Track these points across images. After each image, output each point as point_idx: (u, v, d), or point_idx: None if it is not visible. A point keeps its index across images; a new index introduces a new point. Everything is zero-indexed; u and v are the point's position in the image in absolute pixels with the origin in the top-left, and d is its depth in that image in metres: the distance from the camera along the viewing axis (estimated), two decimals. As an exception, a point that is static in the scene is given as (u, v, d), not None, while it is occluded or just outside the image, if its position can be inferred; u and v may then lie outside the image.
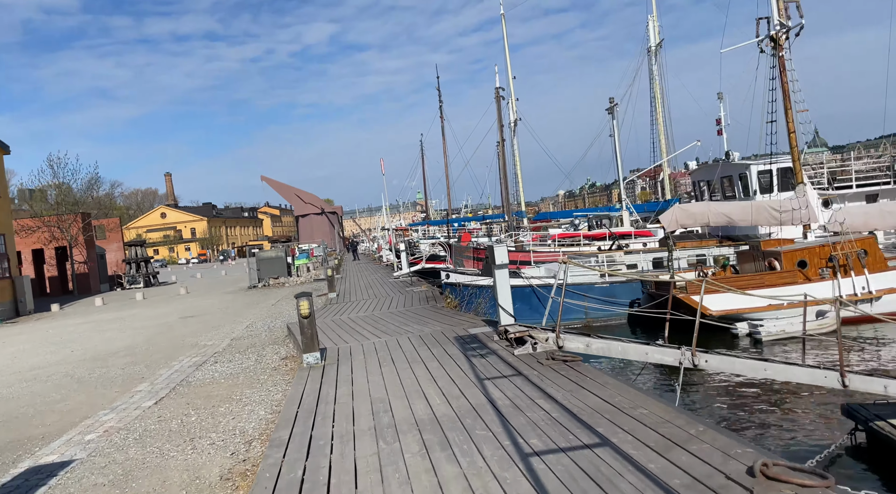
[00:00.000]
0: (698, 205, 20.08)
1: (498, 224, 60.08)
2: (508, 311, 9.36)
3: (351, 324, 13.06)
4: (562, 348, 8.38)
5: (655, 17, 45.32)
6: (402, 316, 13.46)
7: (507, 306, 9.36)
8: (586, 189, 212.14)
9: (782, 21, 18.11)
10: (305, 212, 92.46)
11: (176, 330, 17.71)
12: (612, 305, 21.41)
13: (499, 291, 9.40)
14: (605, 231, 33.26)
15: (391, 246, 38.31)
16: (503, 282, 9.37)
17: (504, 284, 9.38)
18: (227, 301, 26.49)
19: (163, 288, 42.79)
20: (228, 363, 11.32)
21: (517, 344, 8.58)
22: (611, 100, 36.11)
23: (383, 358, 8.96)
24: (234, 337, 14.62)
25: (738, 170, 22.70)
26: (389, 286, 22.99)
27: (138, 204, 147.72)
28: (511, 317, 9.39)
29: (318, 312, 16.49)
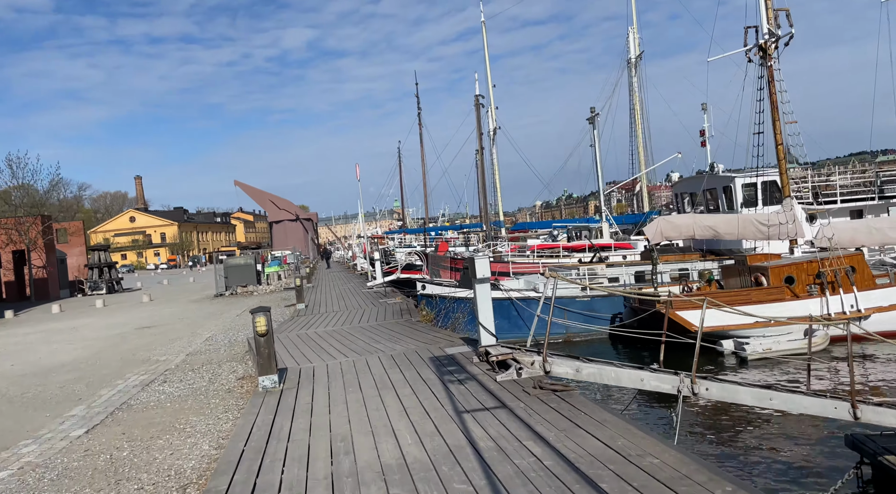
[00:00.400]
0: (683, 218, 19.48)
1: (475, 233, 59.39)
2: (490, 330, 8.46)
3: (318, 340, 12.03)
4: (549, 373, 7.50)
5: (636, 28, 45.28)
6: (374, 331, 12.47)
7: (489, 324, 8.45)
8: (563, 200, 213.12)
9: (771, 30, 17.66)
10: (279, 219, 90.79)
11: (130, 342, 16.46)
12: (594, 320, 20.69)
13: (479, 307, 8.50)
14: (585, 242, 32.67)
15: (366, 254, 37.23)
16: (484, 298, 8.48)
17: (485, 300, 8.49)
18: (191, 310, 25.18)
19: (126, 295, 41.08)
20: (179, 383, 10.22)
21: (499, 369, 7.68)
22: (592, 109, 35.62)
23: (349, 383, 7.98)
24: (190, 352, 13.48)
25: (723, 182, 22.22)
26: (362, 297, 21.96)
27: (107, 207, 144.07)
28: (492, 337, 8.49)
29: (284, 325, 15.41)
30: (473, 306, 8.60)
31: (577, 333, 20.16)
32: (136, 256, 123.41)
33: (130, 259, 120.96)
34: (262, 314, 7.92)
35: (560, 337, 20.12)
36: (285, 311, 20.17)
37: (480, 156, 50.01)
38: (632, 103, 46.23)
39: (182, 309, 26.24)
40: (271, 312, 18.58)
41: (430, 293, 21.00)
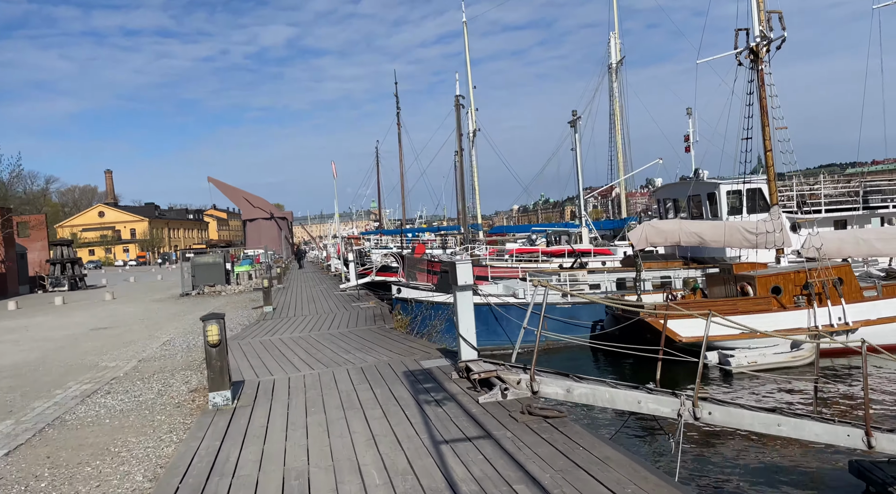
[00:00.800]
0: (669, 223, 18.90)
1: (453, 236, 58.58)
2: (471, 343, 7.63)
3: (282, 348, 11.07)
4: (537, 393, 6.69)
5: (617, 34, 44.99)
6: (344, 339, 11.56)
7: (470, 336, 7.62)
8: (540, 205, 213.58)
9: (763, 32, 17.17)
10: (254, 217, 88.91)
11: (81, 345, 15.28)
12: (574, 328, 20.01)
13: (460, 317, 7.67)
14: (565, 247, 32.09)
15: (340, 255, 36.18)
16: (465, 307, 7.64)
17: (467, 309, 7.66)
18: (153, 310, 23.93)
19: (89, 293, 39.41)
20: (124, 394, 9.20)
21: (482, 387, 6.85)
22: (574, 112, 35.05)
23: (313, 401, 7.08)
24: (143, 358, 12.41)
25: (707, 189, 21.73)
26: (335, 300, 20.98)
27: (75, 201, 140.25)
28: (473, 351, 7.66)
29: (249, 329, 14.39)
30: (453, 315, 7.76)
31: (556, 342, 19.48)
32: (105, 252, 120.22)
33: (98, 255, 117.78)
34: (215, 321, 6.98)
35: (539, 345, 19.45)
36: (252, 314, 19.12)
37: (460, 157, 49.21)
38: (612, 109, 45.96)
39: (144, 308, 24.96)
40: (236, 315, 17.44)
41: (405, 297, 20.13)
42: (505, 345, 20.06)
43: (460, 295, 7.64)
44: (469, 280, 7.49)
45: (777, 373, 15.24)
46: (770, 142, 18.13)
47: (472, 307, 7.73)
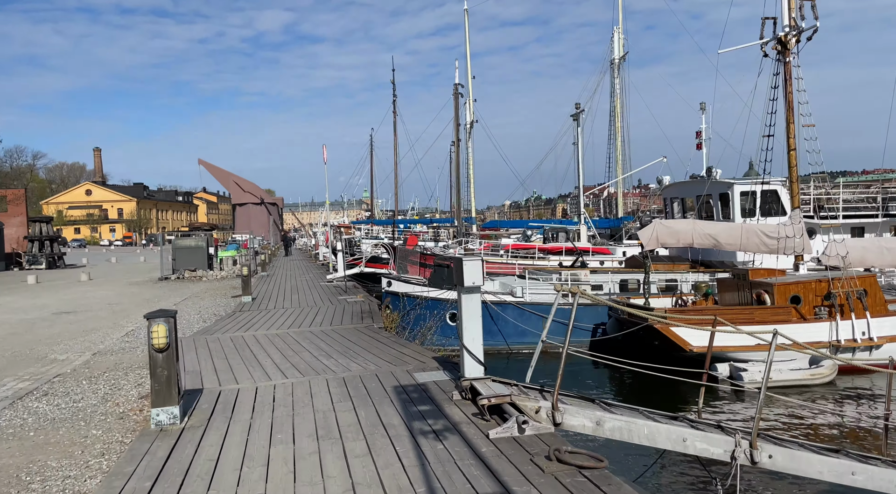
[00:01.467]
0: (682, 223, 17.64)
1: (445, 228, 57.25)
2: (477, 357, 6.31)
3: (255, 347, 9.71)
4: (559, 425, 5.38)
5: (621, 28, 43.65)
6: (327, 339, 10.20)
7: (476, 349, 6.30)
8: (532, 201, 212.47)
9: (795, 20, 15.89)
10: (243, 201, 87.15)
11: (36, 331, 13.84)
12: (574, 330, 18.77)
13: (465, 326, 6.34)
14: (562, 244, 30.86)
15: (328, 243, 34.74)
16: (472, 314, 6.32)
17: (473, 316, 6.34)
18: (127, 294, 22.45)
19: (66, 272, 37.74)
20: (63, 397, 7.82)
21: (491, 415, 5.53)
22: (577, 106, 33.74)
23: (280, 423, 5.74)
24: (99, 350, 11.00)
25: (720, 188, 20.50)
26: (320, 291, 19.60)
27: (63, 178, 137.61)
28: (480, 366, 6.34)
29: (221, 322, 12.99)
30: (458, 324, 6.43)
31: (555, 344, 18.26)
32: (91, 231, 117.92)
33: (84, 233, 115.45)
34: (163, 320, 5.60)
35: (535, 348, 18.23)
36: (230, 303, 17.71)
37: (456, 147, 47.78)
38: (612, 106, 44.68)
39: (118, 291, 23.46)
40: (212, 303, 15.99)
41: (396, 291, 18.82)
42: (500, 346, 18.82)
43: (466, 299, 6.31)
44: (478, 280, 6.16)
45: (794, 392, 14.06)
46: (795, 140, 16.89)
47: (480, 313, 6.40)
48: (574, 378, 16.06)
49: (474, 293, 6.31)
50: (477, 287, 6.26)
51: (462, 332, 6.36)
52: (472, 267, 6.16)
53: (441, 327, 16.84)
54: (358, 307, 14.73)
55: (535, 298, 18.89)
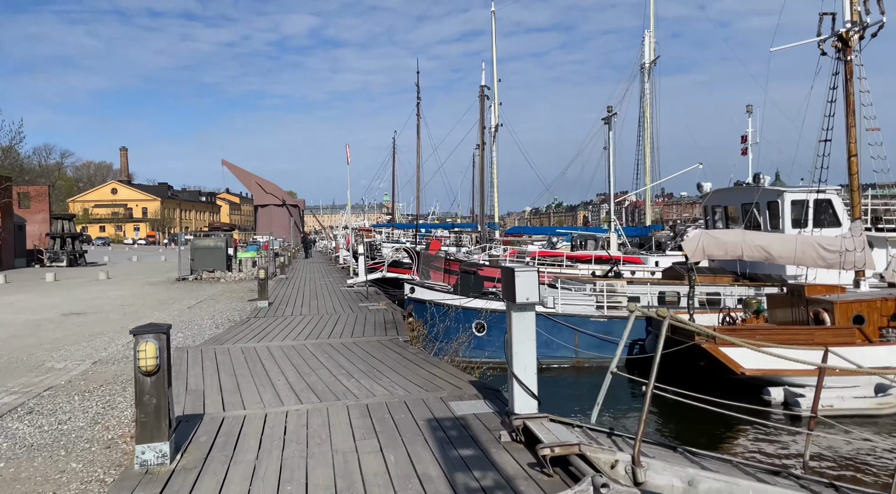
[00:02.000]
0: (730, 234, 16.34)
1: (468, 233, 56.18)
2: (531, 390, 5.21)
3: (268, 361, 8.70)
4: (642, 485, 4.25)
5: (652, 31, 42.30)
6: (347, 353, 9.17)
7: (530, 380, 5.21)
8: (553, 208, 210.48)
9: (859, 15, 14.57)
10: (265, 202, 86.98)
11: (40, 334, 13.03)
12: (609, 345, 17.57)
13: (516, 350, 5.25)
14: (591, 252, 29.61)
15: (349, 246, 33.85)
16: (525, 336, 5.23)
17: (527, 340, 5.24)
18: (142, 294, 21.72)
19: (85, 270, 37.38)
20: (49, 416, 6.88)
21: (553, 468, 4.42)
22: (608, 109, 32.54)
23: (291, 467, 4.69)
24: (101, 358, 10.10)
25: (769, 196, 19.11)
26: (340, 297, 18.63)
27: (90, 177, 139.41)
28: (533, 401, 5.24)
29: (234, 330, 12.03)
30: (507, 348, 5.33)
31: (587, 359, 17.06)
32: (115, 229, 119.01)
33: (109, 232, 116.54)
34: (152, 337, 4.60)
35: (568, 362, 17.03)
36: (246, 307, 16.82)
37: (481, 150, 46.82)
38: (641, 111, 43.29)
39: (133, 292, 22.77)
40: (227, 306, 15.03)
41: (420, 298, 17.73)
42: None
43: (518, 319, 5.22)
44: (533, 295, 5.07)
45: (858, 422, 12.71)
46: (856, 145, 15.54)
47: (535, 334, 5.31)
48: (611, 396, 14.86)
49: (528, 311, 5.21)
50: (532, 304, 5.16)
51: (512, 358, 5.27)
52: (526, 280, 5.07)
53: (475, 341, 15.76)
54: (381, 316, 13.70)
55: (568, 309, 17.73)
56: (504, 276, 5.34)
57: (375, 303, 16.33)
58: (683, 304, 18.72)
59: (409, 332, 12.06)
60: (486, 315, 17.00)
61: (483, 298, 17.62)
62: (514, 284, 5.11)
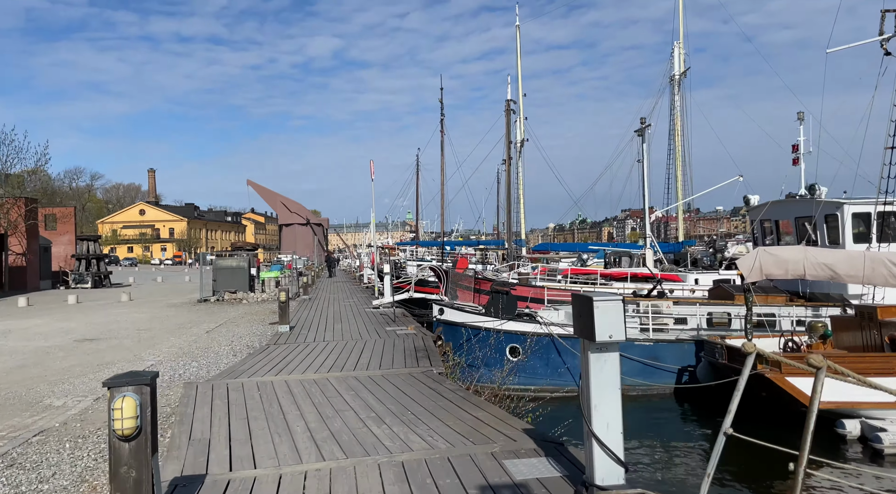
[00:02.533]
0: (792, 251, 14.91)
1: (493, 251, 55.04)
2: (615, 454, 4.03)
3: (285, 400, 7.63)
4: None
5: (682, 42, 41.13)
6: (376, 390, 8.06)
7: (614, 441, 4.05)
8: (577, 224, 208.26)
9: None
10: (290, 222, 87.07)
11: (46, 364, 12.16)
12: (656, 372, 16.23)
13: (595, 404, 4.09)
14: (626, 270, 28.27)
15: (373, 265, 32.91)
16: (607, 384, 4.07)
17: (608, 388, 4.08)
18: (161, 317, 20.95)
19: (109, 292, 37.03)
20: (30, 471, 5.88)
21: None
22: (642, 120, 31.25)
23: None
24: (103, 394, 9.14)
25: (827, 209, 17.66)
26: (365, 320, 17.58)
27: (119, 198, 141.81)
28: (619, 467, 4.06)
29: (250, 360, 11.00)
30: (583, 399, 4.18)
31: (633, 387, 15.68)
32: (143, 250, 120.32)
33: (137, 252, 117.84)
34: (132, 391, 3.55)
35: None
36: (266, 331, 15.86)
37: (507, 165, 45.83)
38: (672, 124, 41.98)
39: (153, 315, 22.01)
40: (248, 330, 14.06)
41: (451, 320, 16.56)
42: (568, 387, 16.36)
43: (597, 361, 4.07)
44: (618, 332, 3.92)
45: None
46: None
47: (619, 381, 4.14)
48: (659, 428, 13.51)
49: (610, 351, 4.06)
50: (615, 342, 4.01)
51: (590, 412, 4.11)
52: (608, 312, 3.93)
53: (517, 370, 14.55)
54: (410, 342, 12.58)
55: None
56: (577, 307, 4.21)
57: (403, 327, 15.24)
58: (735, 326, 17.34)
59: (441, 359, 10.91)
60: (524, 338, 15.81)
61: (518, 320, 16.44)
62: (591, 317, 3.97)
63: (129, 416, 3.55)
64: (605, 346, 4.06)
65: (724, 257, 32.58)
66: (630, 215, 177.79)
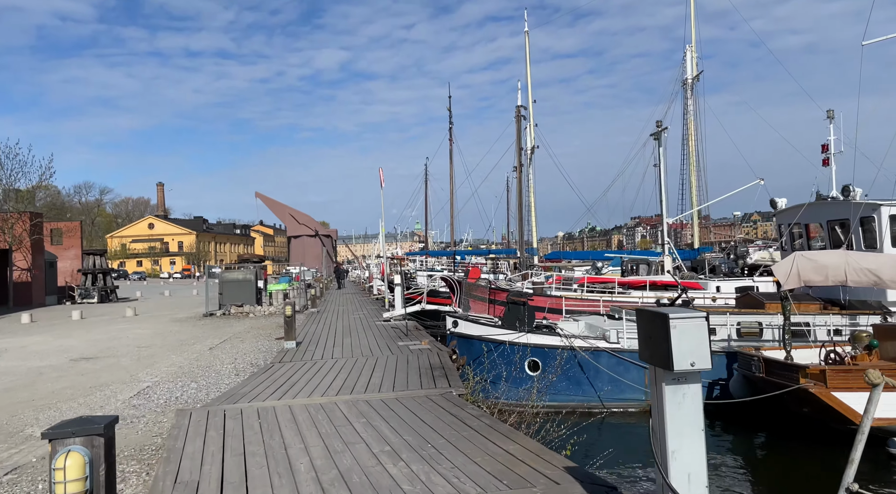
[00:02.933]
0: (831, 256, 13.96)
1: (505, 260, 54.12)
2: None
3: (287, 431, 6.76)
4: None
5: (694, 46, 40.35)
6: (390, 416, 7.20)
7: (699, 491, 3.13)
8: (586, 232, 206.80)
9: None
10: (298, 233, 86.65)
11: (37, 386, 11.38)
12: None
13: (672, 449, 3.19)
14: (645, 278, 27.30)
15: (384, 276, 32.08)
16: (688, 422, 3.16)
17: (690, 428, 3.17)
18: (164, 333, 20.19)
19: (115, 307, 36.41)
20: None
21: None
22: (658, 123, 30.35)
23: None
24: (92, 421, 8.33)
25: (863, 211, 16.67)
26: (376, 333, 16.73)
27: (128, 212, 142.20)
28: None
29: (252, 381, 10.15)
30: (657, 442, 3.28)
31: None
32: (152, 264, 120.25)
33: (146, 266, 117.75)
34: (79, 445, 2.71)
35: (637, 405, 14.71)
36: (272, 347, 15.04)
37: (518, 172, 45.00)
38: (685, 129, 41.12)
39: (156, 330, 21.27)
40: (253, 346, 13.25)
41: (466, 333, 15.68)
42: (591, 403, 15.38)
43: (676, 396, 3.20)
44: (703, 359, 3.05)
45: None
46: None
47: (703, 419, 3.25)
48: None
49: (692, 382, 3.18)
50: (697, 372, 3.12)
51: (665, 459, 3.22)
52: (689, 333, 3.07)
53: (528, 381, 13.62)
54: (425, 358, 11.71)
55: (635, 345, 15.37)
56: (645, 326, 3.33)
57: (417, 341, 14.36)
58: (767, 336, 16.35)
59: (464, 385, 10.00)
60: (543, 352, 14.91)
61: (536, 333, 15.55)
62: (667, 339, 3.10)
63: (75, 478, 2.72)
64: (684, 377, 3.19)
65: (745, 264, 31.50)
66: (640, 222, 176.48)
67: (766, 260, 30.29)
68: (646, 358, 3.39)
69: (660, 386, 3.27)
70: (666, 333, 3.14)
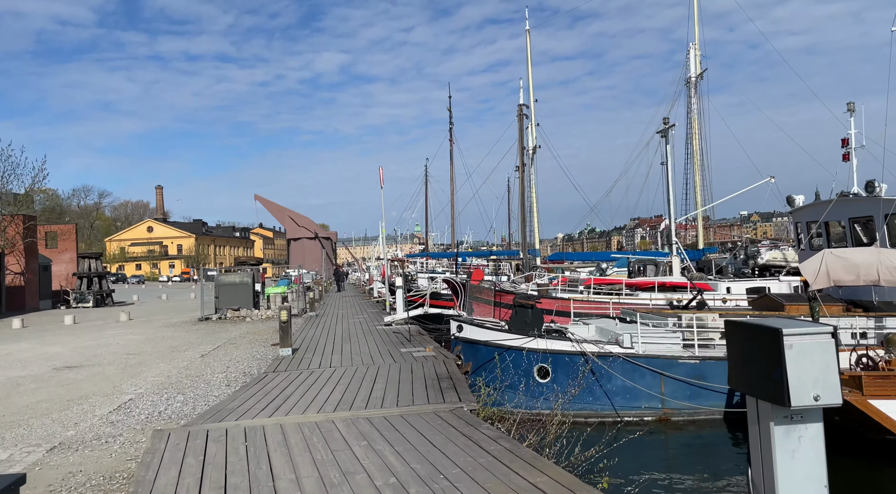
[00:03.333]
0: (863, 253, 13.12)
1: (506, 261, 53.28)
2: None
3: (277, 456, 5.90)
4: None
5: (697, 44, 39.61)
6: (394, 438, 6.34)
7: None
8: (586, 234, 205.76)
9: None
10: (298, 236, 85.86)
11: (12, 398, 10.53)
12: (704, 394, 14.33)
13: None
14: (653, 279, 26.44)
15: (384, 278, 31.22)
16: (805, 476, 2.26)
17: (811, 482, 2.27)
18: (156, 339, 19.33)
19: (109, 311, 35.55)
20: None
21: None
22: (665, 120, 29.52)
23: None
24: (62, 441, 7.47)
25: (886, 208, 15.83)
26: (377, 339, 15.86)
27: (127, 216, 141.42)
28: None
29: (242, 392, 9.29)
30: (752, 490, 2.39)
31: (677, 410, 13.85)
32: (151, 267, 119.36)
33: (144, 270, 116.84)
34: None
35: (653, 414, 13.85)
36: (267, 354, 14.18)
37: (521, 172, 44.26)
38: (689, 128, 40.35)
39: (148, 336, 20.41)
40: (247, 353, 12.33)
41: (471, 337, 14.80)
42: (605, 411, 14.51)
43: (789, 436, 2.30)
44: (831, 393, 2.17)
45: None
46: None
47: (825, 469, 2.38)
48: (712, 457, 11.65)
49: (812, 421, 2.32)
50: (819, 408, 2.25)
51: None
52: (810, 354, 2.19)
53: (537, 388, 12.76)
54: (430, 366, 10.85)
55: (650, 349, 14.54)
56: (741, 342, 2.47)
57: (421, 348, 13.50)
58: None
59: (467, 384, 9.15)
60: (551, 357, 14.07)
61: (546, 337, 14.67)
62: (779, 363, 2.24)
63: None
64: (802, 414, 2.33)
65: (756, 264, 30.66)
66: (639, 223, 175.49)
67: (779, 259, 29.43)
68: (742, 388, 2.54)
69: (766, 425, 2.42)
70: (778, 355, 2.29)
